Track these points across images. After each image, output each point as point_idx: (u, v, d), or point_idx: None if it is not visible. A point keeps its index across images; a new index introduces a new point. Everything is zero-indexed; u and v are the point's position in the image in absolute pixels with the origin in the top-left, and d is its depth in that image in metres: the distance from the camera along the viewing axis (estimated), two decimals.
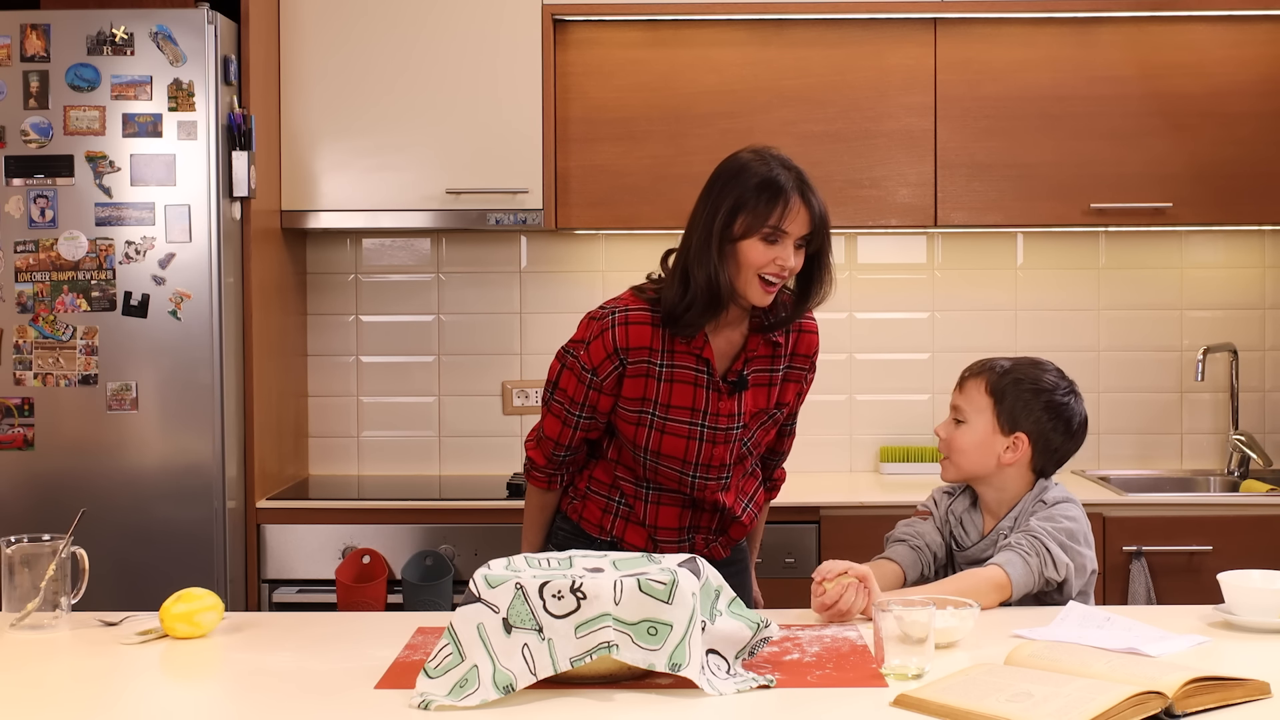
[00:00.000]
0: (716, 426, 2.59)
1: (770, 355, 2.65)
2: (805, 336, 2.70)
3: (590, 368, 2.58)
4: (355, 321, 4.23)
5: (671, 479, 2.63)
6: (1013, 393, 2.59)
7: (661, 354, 2.57)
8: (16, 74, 3.45)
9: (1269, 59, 3.91)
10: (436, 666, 1.91)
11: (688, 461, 2.60)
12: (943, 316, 4.24)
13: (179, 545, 3.48)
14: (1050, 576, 2.45)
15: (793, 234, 2.51)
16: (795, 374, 2.70)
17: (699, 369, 2.58)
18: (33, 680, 2.05)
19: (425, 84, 3.82)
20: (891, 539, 2.69)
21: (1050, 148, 3.90)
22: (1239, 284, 4.24)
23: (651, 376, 2.57)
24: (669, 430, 2.58)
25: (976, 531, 2.62)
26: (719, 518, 2.68)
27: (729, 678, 1.95)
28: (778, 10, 3.86)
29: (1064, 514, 2.53)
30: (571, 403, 2.62)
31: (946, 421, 2.66)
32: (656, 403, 2.57)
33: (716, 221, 2.49)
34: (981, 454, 2.59)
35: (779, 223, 2.48)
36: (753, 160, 2.54)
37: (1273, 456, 4.16)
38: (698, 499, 2.64)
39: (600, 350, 2.57)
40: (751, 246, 2.49)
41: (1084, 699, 1.76)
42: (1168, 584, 3.59)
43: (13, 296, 3.47)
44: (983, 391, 2.61)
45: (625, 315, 2.57)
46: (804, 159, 3.84)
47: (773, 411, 2.66)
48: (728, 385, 2.60)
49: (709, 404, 2.58)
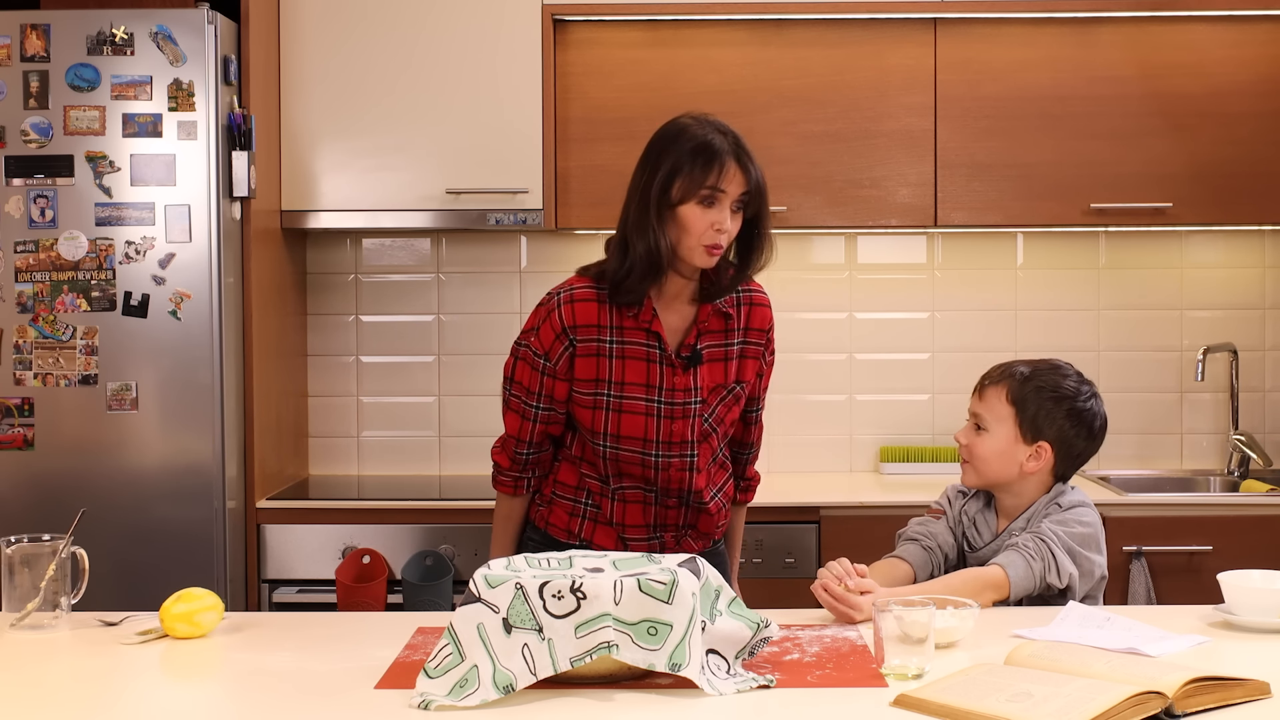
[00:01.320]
0: (674, 401, 2.57)
1: (724, 329, 2.63)
2: (757, 309, 2.68)
3: (543, 353, 2.58)
4: (355, 321, 4.23)
5: (634, 465, 2.59)
6: (1034, 401, 2.57)
7: (610, 330, 2.56)
8: (16, 74, 3.45)
9: (1269, 59, 3.91)
10: (436, 666, 1.91)
11: (648, 440, 2.57)
12: (943, 316, 4.24)
13: (179, 545, 3.48)
14: (1052, 582, 2.44)
15: (730, 194, 2.50)
16: (753, 349, 2.67)
17: (650, 344, 2.57)
18: (33, 680, 2.05)
19: (425, 84, 3.82)
20: (904, 537, 2.68)
21: (1050, 148, 3.90)
22: (1239, 284, 4.24)
23: (603, 355, 2.56)
24: (625, 409, 2.56)
25: (990, 532, 2.62)
26: (686, 511, 2.64)
27: (729, 678, 1.95)
28: (778, 10, 3.86)
29: (1078, 519, 2.52)
30: (528, 394, 2.61)
31: (967, 428, 2.63)
32: (610, 382, 2.56)
33: (654, 187, 2.50)
34: (1004, 462, 2.57)
35: (716, 183, 2.48)
36: (690, 125, 2.54)
37: (1273, 456, 4.16)
38: (664, 490, 2.60)
39: (549, 332, 2.58)
40: (690, 211, 2.49)
41: (1084, 699, 1.76)
42: (1168, 584, 3.59)
43: (13, 296, 3.47)
44: (1004, 400, 2.59)
45: (570, 294, 2.58)
46: (804, 159, 3.90)
47: (732, 386, 2.64)
48: (682, 360, 2.58)
49: (663, 379, 2.57)
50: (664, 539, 2.66)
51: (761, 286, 2.70)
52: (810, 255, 4.24)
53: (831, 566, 2.38)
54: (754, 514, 3.63)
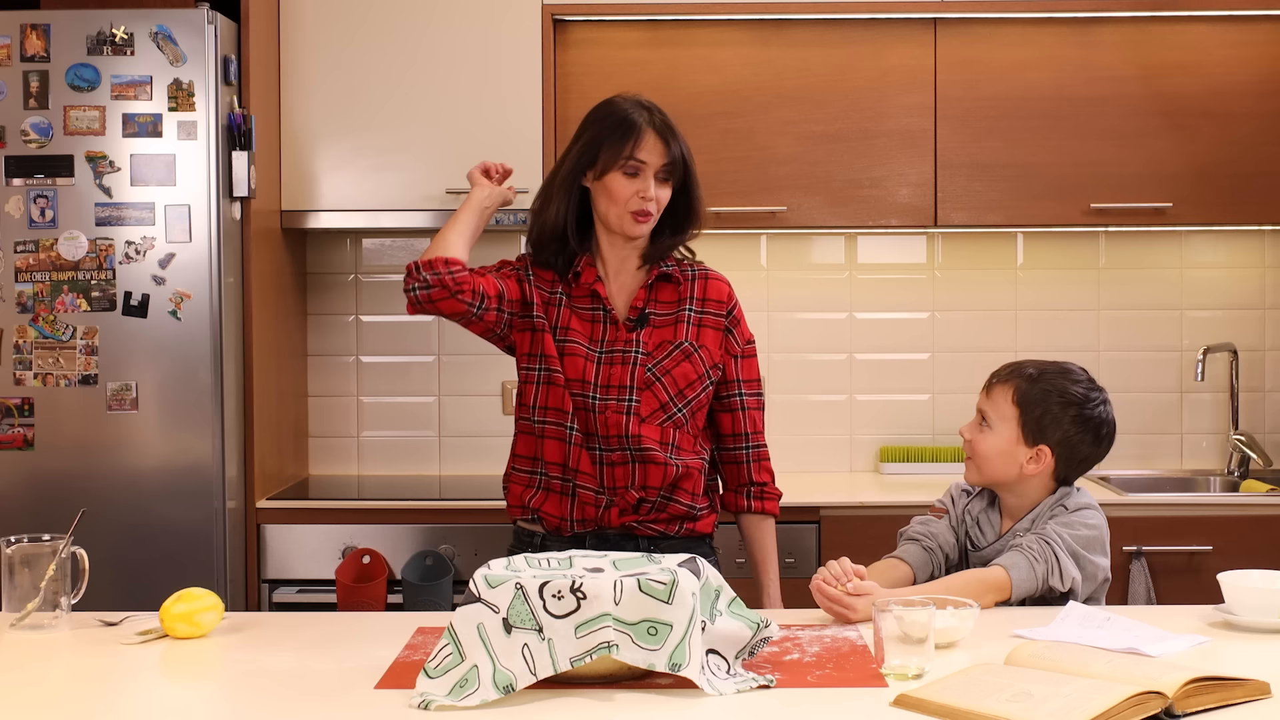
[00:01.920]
0: (614, 350, 2.66)
1: (675, 300, 2.72)
2: (712, 282, 2.77)
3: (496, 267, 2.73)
4: (355, 321, 4.23)
5: (580, 413, 2.63)
6: (1040, 405, 2.55)
7: (561, 288, 2.70)
8: (16, 74, 3.45)
9: (1269, 59, 3.91)
10: (436, 666, 1.91)
11: (586, 381, 2.64)
12: (943, 316, 4.24)
13: (179, 545, 3.48)
14: (1054, 585, 2.43)
15: (650, 164, 2.63)
16: (713, 320, 2.73)
17: (594, 306, 2.68)
18: (33, 680, 2.05)
19: (425, 84, 3.82)
20: (905, 536, 2.67)
21: (1050, 148, 3.90)
22: (1239, 284, 4.24)
23: (553, 304, 2.68)
24: (568, 351, 2.65)
25: (993, 532, 2.61)
26: (633, 468, 2.61)
27: (729, 678, 1.95)
28: (778, 10, 3.86)
29: (1084, 521, 2.50)
30: (484, 267, 2.72)
31: (972, 423, 2.62)
32: (558, 327, 2.67)
33: (580, 160, 2.65)
34: (1004, 462, 2.56)
35: (633, 153, 2.61)
36: (615, 101, 2.69)
37: (1273, 456, 4.17)
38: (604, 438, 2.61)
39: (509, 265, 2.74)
40: (614, 180, 2.62)
41: (1084, 699, 1.76)
42: (1168, 584, 3.59)
43: (13, 296, 3.47)
44: (1009, 400, 2.57)
45: (530, 260, 2.75)
46: (804, 159, 3.90)
47: (680, 342, 2.68)
48: (629, 322, 2.68)
49: (605, 334, 2.67)
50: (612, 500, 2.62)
51: (707, 266, 2.80)
52: (810, 255, 4.24)
53: (830, 566, 2.38)
54: None
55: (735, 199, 3.91)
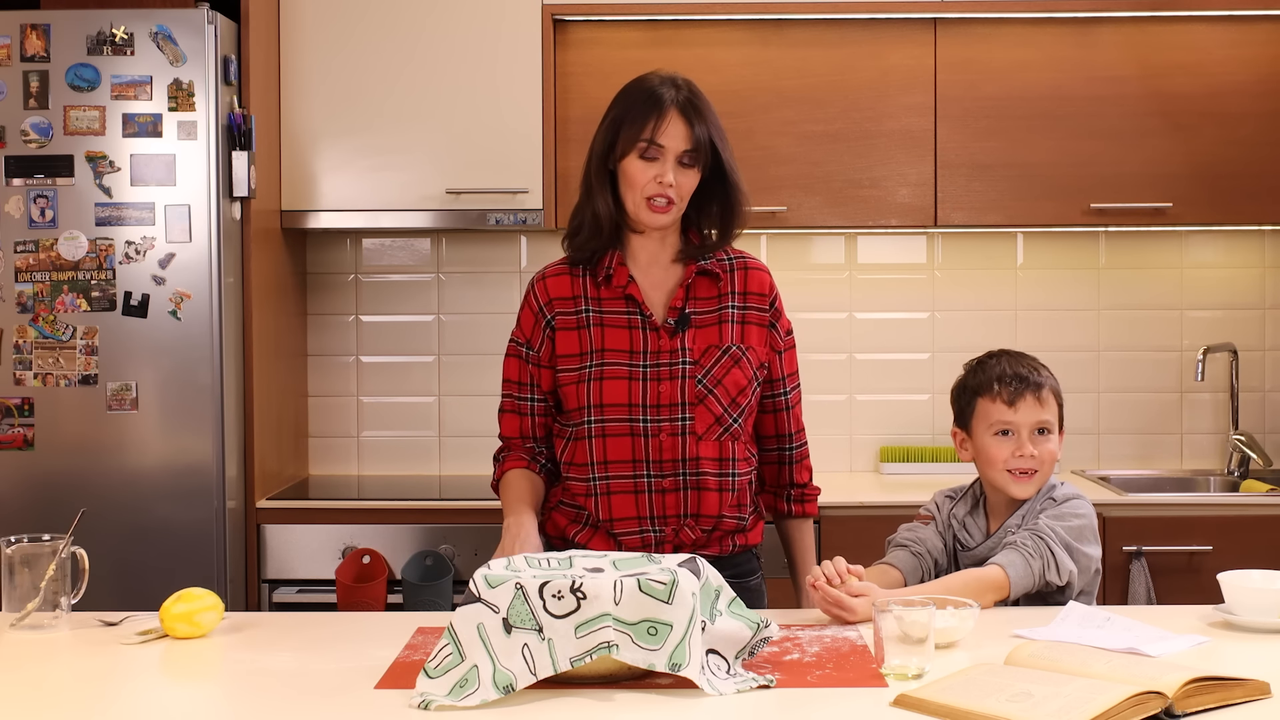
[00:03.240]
0: (659, 364, 2.46)
1: (715, 294, 2.53)
2: (752, 273, 2.57)
3: (524, 340, 2.55)
4: (355, 321, 4.23)
5: (622, 441, 2.44)
6: (1061, 393, 2.62)
7: (586, 300, 2.50)
8: (16, 74, 3.45)
9: (1269, 59, 3.91)
10: (436, 666, 1.91)
11: (633, 404, 2.44)
12: (943, 316, 4.24)
13: (179, 545, 3.48)
14: (1051, 579, 2.43)
15: (670, 149, 2.44)
16: (756, 315, 2.54)
17: (629, 310, 2.49)
18: (33, 680, 2.05)
19: (425, 84, 3.82)
20: (893, 543, 2.66)
21: (1050, 148, 3.90)
22: (1239, 284, 4.24)
23: (583, 327, 2.49)
24: (608, 375, 2.45)
25: (980, 533, 2.61)
26: (685, 495, 2.46)
27: (729, 678, 1.95)
28: (778, 10, 3.86)
29: (1074, 511, 2.51)
30: (519, 388, 2.56)
31: (1028, 437, 2.55)
32: (592, 352, 2.47)
33: (603, 142, 2.49)
34: (1056, 460, 2.59)
35: (653, 135, 2.43)
36: (646, 77, 2.52)
37: (1273, 456, 4.17)
38: (657, 464, 2.44)
39: (529, 316, 2.55)
40: (631, 164, 2.45)
41: (1084, 699, 1.76)
42: (1168, 584, 3.59)
43: (13, 296, 3.47)
44: (1053, 399, 2.60)
45: (542, 273, 2.57)
46: (804, 159, 3.90)
47: (728, 346, 2.49)
48: (669, 325, 2.48)
49: (647, 344, 2.47)
50: (663, 532, 2.47)
51: (747, 252, 2.61)
52: (810, 255, 4.24)
53: (825, 566, 2.37)
54: None
55: None
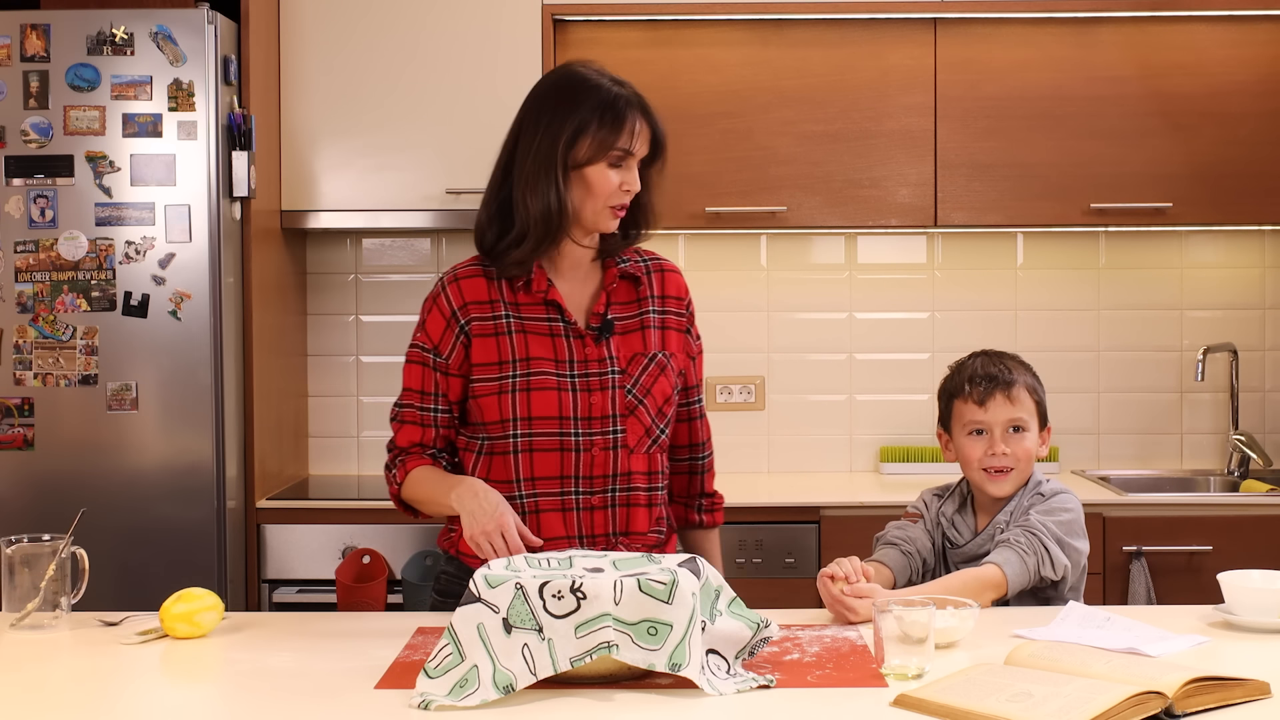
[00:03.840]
0: (588, 373, 2.35)
1: (635, 298, 2.43)
2: (669, 275, 2.49)
3: (432, 346, 2.39)
4: (355, 321, 4.23)
5: (551, 457, 2.33)
6: (1040, 389, 2.62)
7: (504, 306, 2.36)
8: (16, 74, 3.45)
9: (1269, 59, 3.91)
10: (436, 666, 1.91)
11: (565, 418, 2.33)
12: (943, 316, 4.24)
13: (179, 545, 3.48)
14: (1046, 575, 2.45)
15: (638, 154, 2.35)
16: (674, 319, 2.46)
17: (550, 317, 2.36)
18: (33, 680, 2.04)
19: (425, 84, 3.82)
20: (882, 540, 2.66)
21: (1050, 148, 3.90)
22: (1239, 284, 4.24)
23: (501, 334, 2.35)
24: (535, 385, 2.32)
25: (969, 530, 2.62)
26: (613, 513, 2.37)
27: (729, 678, 1.95)
28: (778, 10, 3.86)
29: (1062, 505, 2.53)
30: (423, 397, 2.40)
31: (1001, 436, 2.56)
32: (514, 361, 2.33)
33: (558, 146, 2.30)
34: (1032, 458, 2.59)
35: (629, 145, 2.33)
36: (590, 77, 2.37)
37: (1273, 456, 4.16)
38: (587, 481, 2.35)
39: (438, 319, 2.38)
40: (599, 173, 2.31)
41: (1084, 699, 1.76)
42: (1168, 584, 3.59)
43: (13, 296, 3.47)
44: (1028, 395, 2.59)
45: (454, 274, 2.40)
46: (804, 159, 3.90)
47: (653, 354, 2.40)
48: (592, 331, 2.37)
49: (572, 352, 2.35)
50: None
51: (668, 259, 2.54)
52: (810, 255, 4.24)
53: (841, 564, 2.37)
54: (754, 514, 3.64)
55: (735, 199, 3.91)
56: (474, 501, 2.27)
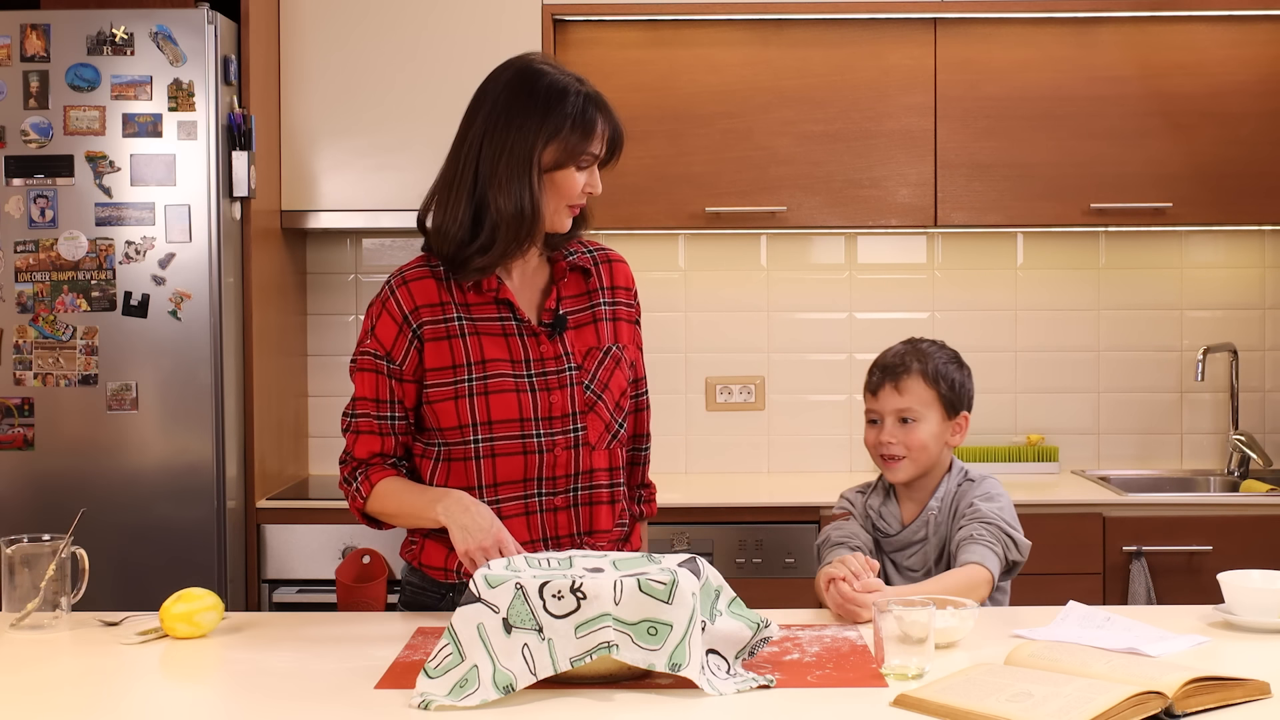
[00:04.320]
0: (546, 371, 2.32)
1: (585, 290, 2.40)
2: (617, 266, 2.45)
3: (384, 353, 2.32)
4: (355, 321, 4.23)
5: (514, 460, 2.30)
6: (947, 376, 2.61)
7: (455, 307, 2.32)
8: (16, 74, 3.45)
9: (1269, 59, 3.91)
10: (436, 666, 1.91)
11: (525, 419, 2.29)
12: (943, 316, 4.24)
13: (179, 545, 3.48)
14: (1014, 559, 2.49)
15: (602, 156, 2.33)
16: (625, 311, 2.44)
17: (503, 316, 2.33)
18: (33, 681, 2.04)
19: (425, 84, 3.82)
20: (828, 544, 2.61)
21: (1050, 148, 3.90)
22: (1239, 284, 4.24)
23: (454, 336, 2.30)
24: (493, 389, 2.29)
25: (896, 520, 2.63)
26: (576, 512, 2.35)
27: (729, 678, 1.95)
28: (778, 10, 3.86)
29: (997, 491, 2.57)
30: (378, 405, 2.35)
31: (889, 427, 2.59)
32: (470, 365, 2.29)
33: (534, 149, 2.26)
34: (936, 445, 2.59)
35: (600, 150, 2.30)
36: (557, 79, 2.30)
37: (1273, 456, 4.17)
38: (550, 482, 2.32)
39: (389, 324, 2.32)
40: (568, 176, 2.28)
41: (1084, 699, 1.76)
42: (1168, 584, 3.59)
43: (13, 296, 3.47)
44: (924, 385, 2.59)
45: (402, 277, 2.34)
46: (804, 159, 3.90)
47: (608, 348, 2.38)
48: (545, 328, 2.34)
49: (528, 351, 2.32)
50: None
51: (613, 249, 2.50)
52: (810, 255, 4.24)
53: (849, 561, 2.36)
54: (754, 514, 3.64)
55: (735, 199, 3.91)
56: (466, 517, 2.25)
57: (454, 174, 2.33)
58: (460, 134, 2.36)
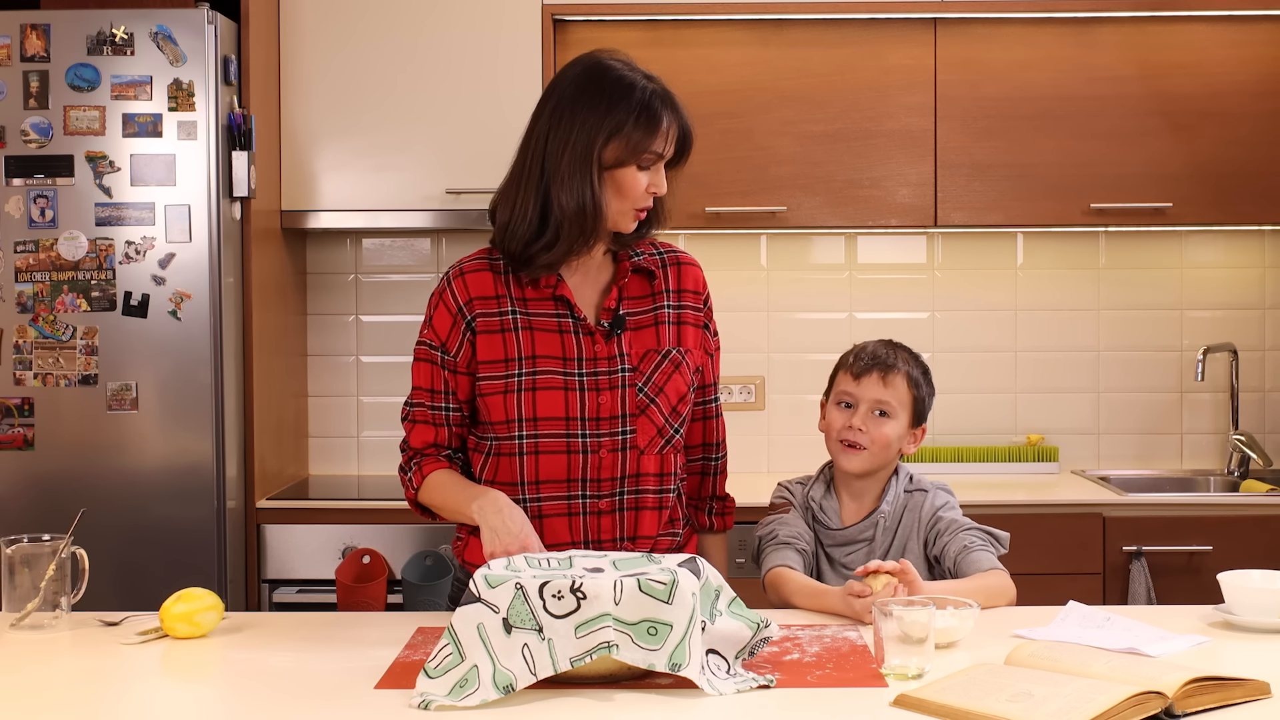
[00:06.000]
0: (597, 371, 2.29)
1: (649, 292, 2.36)
2: (686, 269, 2.41)
3: (439, 343, 2.33)
4: (355, 321, 4.23)
5: (558, 459, 2.28)
6: (924, 389, 2.60)
7: (511, 301, 2.30)
8: (16, 74, 3.45)
9: (1269, 59, 3.91)
10: (436, 666, 1.91)
11: (571, 418, 2.27)
12: (943, 316, 4.24)
13: (179, 545, 3.48)
14: (1002, 554, 2.50)
15: (667, 156, 2.29)
16: (692, 315, 2.39)
17: (560, 313, 2.30)
18: (33, 680, 2.04)
19: (425, 84, 3.82)
20: (775, 542, 2.55)
21: (1050, 148, 3.90)
22: (1239, 284, 4.24)
23: (507, 330, 2.29)
24: (540, 385, 2.27)
25: (836, 515, 2.60)
26: (622, 516, 2.32)
27: (729, 678, 1.95)
28: (778, 10, 3.86)
29: (954, 501, 2.58)
30: (433, 396, 2.35)
31: (864, 414, 2.55)
32: (521, 359, 2.28)
33: (595, 145, 2.23)
34: (895, 448, 2.58)
35: (663, 149, 2.27)
36: (624, 75, 2.27)
37: (1273, 456, 4.17)
38: (594, 484, 2.30)
39: (445, 315, 2.32)
40: (630, 175, 2.25)
41: (1084, 699, 1.76)
42: (1168, 584, 3.59)
43: (13, 296, 3.47)
44: (907, 386, 2.58)
45: (459, 269, 2.34)
46: (804, 159, 3.90)
47: (668, 350, 2.34)
48: (602, 328, 2.31)
49: (581, 350, 2.29)
50: None
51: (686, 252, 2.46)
52: (810, 255, 4.24)
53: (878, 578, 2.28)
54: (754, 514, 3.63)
55: (735, 199, 3.91)
56: (497, 518, 2.23)
57: (521, 170, 2.31)
58: (529, 129, 2.34)
